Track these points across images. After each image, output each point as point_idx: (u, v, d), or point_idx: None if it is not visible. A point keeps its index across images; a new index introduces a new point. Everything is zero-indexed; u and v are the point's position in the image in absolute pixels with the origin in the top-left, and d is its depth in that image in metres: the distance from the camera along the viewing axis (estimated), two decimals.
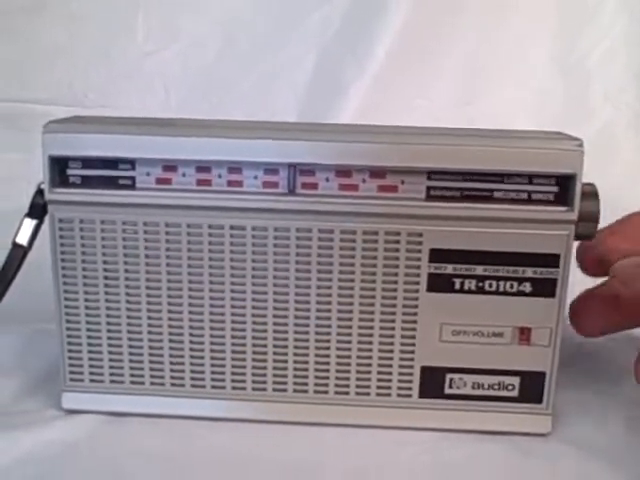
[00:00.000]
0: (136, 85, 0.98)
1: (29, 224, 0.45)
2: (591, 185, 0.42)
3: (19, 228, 0.45)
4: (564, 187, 0.41)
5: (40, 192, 0.44)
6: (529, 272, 0.42)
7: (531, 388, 0.44)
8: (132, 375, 0.45)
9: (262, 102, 0.97)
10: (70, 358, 0.45)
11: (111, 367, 0.45)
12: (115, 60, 0.98)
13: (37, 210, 0.44)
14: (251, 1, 0.97)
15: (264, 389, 0.44)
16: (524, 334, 0.43)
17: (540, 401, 0.44)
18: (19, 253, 0.45)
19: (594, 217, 0.42)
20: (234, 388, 0.44)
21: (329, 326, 0.43)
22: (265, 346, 0.44)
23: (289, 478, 0.41)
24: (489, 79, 0.97)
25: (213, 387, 0.44)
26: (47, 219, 0.43)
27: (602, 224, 0.43)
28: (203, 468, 0.41)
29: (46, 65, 0.97)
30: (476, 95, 0.95)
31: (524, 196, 0.41)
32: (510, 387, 0.44)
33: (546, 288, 0.42)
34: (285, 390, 0.44)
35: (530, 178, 0.41)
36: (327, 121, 0.92)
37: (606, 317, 0.44)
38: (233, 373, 0.44)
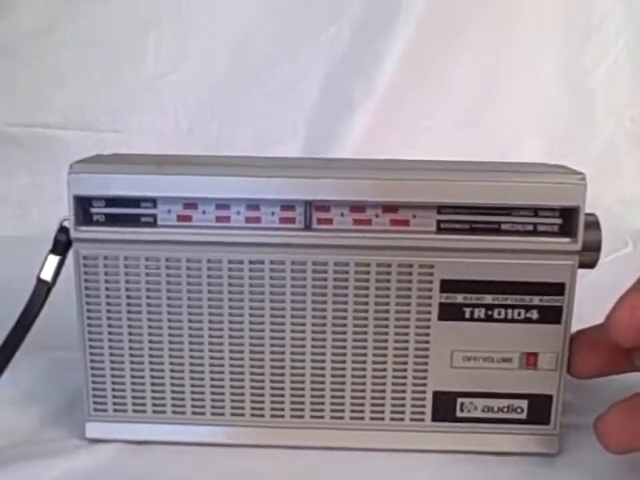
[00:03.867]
0: (147, 107, 0.99)
1: (53, 260, 0.46)
2: (593, 215, 0.44)
3: (43, 264, 0.46)
4: (568, 219, 0.43)
5: (62, 229, 0.46)
6: (536, 300, 0.44)
7: (539, 410, 0.45)
8: (154, 404, 0.46)
9: (271, 120, 0.98)
10: (94, 389, 0.46)
11: (134, 397, 0.46)
12: (126, 82, 0.99)
13: (60, 246, 0.46)
14: (259, 21, 0.98)
15: (282, 416, 0.46)
16: (531, 359, 0.45)
17: (548, 422, 0.46)
18: (44, 289, 0.46)
19: (597, 246, 0.44)
20: (253, 415, 0.46)
21: (344, 354, 0.45)
22: (282, 375, 0.45)
23: None
24: (495, 96, 0.98)
25: (232, 414, 0.46)
26: (72, 256, 0.45)
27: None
28: None
29: (57, 88, 0.98)
30: (482, 113, 0.97)
31: (530, 228, 0.43)
32: (519, 410, 0.46)
33: (552, 315, 0.44)
34: (302, 417, 0.46)
35: (535, 211, 0.43)
36: (335, 139, 0.94)
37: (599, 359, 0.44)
38: (252, 401, 0.46)
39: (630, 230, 0.90)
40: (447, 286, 0.44)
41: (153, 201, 0.44)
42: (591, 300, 0.47)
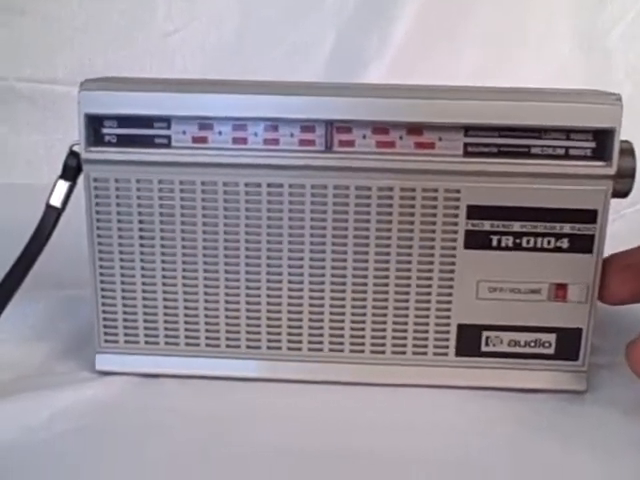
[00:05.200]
0: (156, 64, 0.97)
1: (62, 185, 0.44)
2: (627, 142, 0.42)
3: (52, 190, 0.45)
4: (602, 142, 0.41)
5: (72, 153, 0.44)
6: (566, 228, 0.42)
7: (567, 345, 0.44)
8: (167, 336, 0.44)
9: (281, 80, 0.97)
10: (105, 319, 0.44)
11: (146, 328, 0.44)
12: (135, 39, 0.97)
13: (70, 171, 0.44)
14: None
15: (299, 349, 0.44)
16: (561, 290, 0.43)
17: (576, 358, 0.44)
18: (53, 214, 0.44)
19: (631, 173, 0.42)
20: (270, 348, 0.44)
21: (365, 284, 0.43)
22: (301, 305, 0.44)
23: (322, 434, 0.41)
24: (509, 58, 0.96)
25: (248, 347, 0.44)
26: (82, 179, 0.43)
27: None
28: (235, 426, 0.41)
29: (66, 45, 0.96)
30: (496, 74, 0.95)
31: (561, 152, 0.41)
32: (547, 344, 0.44)
33: (583, 244, 0.42)
34: (321, 350, 0.44)
35: (568, 133, 0.41)
36: None
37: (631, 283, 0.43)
38: (269, 333, 0.44)
39: None
40: (474, 212, 0.42)
41: (167, 121, 0.42)
42: (615, 249, 0.45)
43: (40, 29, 0.99)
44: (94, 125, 0.42)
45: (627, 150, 0.42)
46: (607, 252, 0.43)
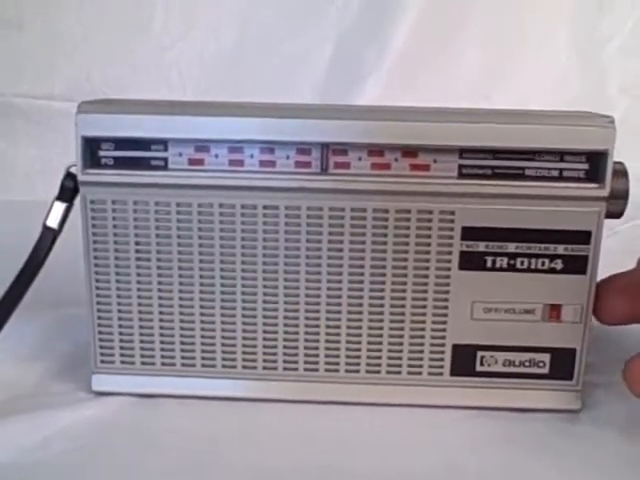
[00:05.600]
0: (154, 77, 0.97)
1: (59, 207, 0.45)
2: (620, 164, 0.42)
3: (49, 211, 0.45)
4: (595, 164, 0.41)
5: (69, 175, 0.44)
6: (560, 249, 0.42)
7: (562, 365, 0.44)
8: (163, 356, 0.45)
9: (279, 91, 0.96)
10: (101, 340, 0.45)
11: (142, 348, 0.45)
12: (132, 53, 0.97)
13: (67, 193, 0.44)
14: None
15: (295, 369, 0.44)
16: (555, 311, 0.43)
17: (571, 378, 0.44)
18: (49, 236, 0.45)
19: (625, 194, 0.42)
20: (265, 368, 0.45)
21: (360, 305, 0.43)
22: (297, 326, 0.44)
23: (319, 454, 0.41)
24: (506, 70, 0.97)
25: (244, 367, 0.45)
26: (79, 201, 0.43)
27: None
28: (233, 446, 0.41)
29: (62, 60, 0.96)
30: (494, 86, 0.95)
31: (555, 173, 0.42)
32: (541, 364, 0.44)
33: (577, 265, 0.42)
34: (316, 370, 0.44)
35: (561, 155, 0.41)
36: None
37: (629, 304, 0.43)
38: (264, 353, 0.44)
39: None
40: (468, 234, 0.42)
41: (164, 143, 0.42)
42: (609, 266, 0.46)
43: (38, 44, 0.99)
44: (91, 147, 0.42)
45: (620, 172, 0.42)
46: (600, 269, 0.44)
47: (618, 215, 0.43)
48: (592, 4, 0.98)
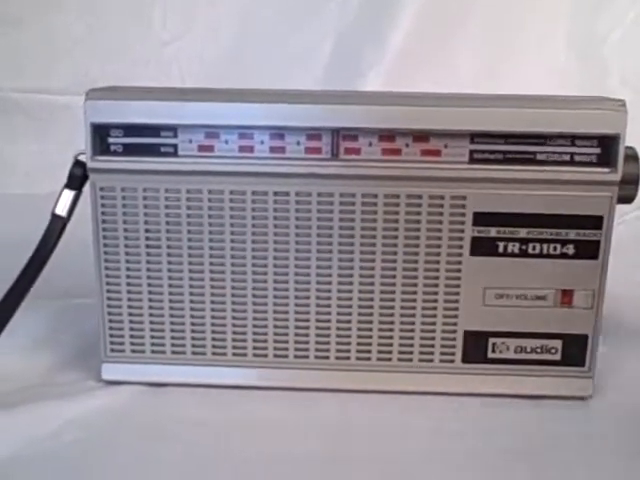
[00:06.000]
0: (153, 74, 0.97)
1: (68, 195, 0.44)
2: (631, 148, 0.42)
3: (58, 199, 0.45)
4: (607, 148, 0.41)
5: (78, 163, 0.44)
6: (572, 234, 0.42)
7: (573, 351, 0.44)
8: (173, 345, 0.44)
9: (280, 88, 0.97)
10: (111, 328, 0.44)
11: (152, 337, 0.44)
12: (132, 49, 0.97)
13: (76, 180, 0.44)
14: None
15: (307, 357, 0.44)
16: (567, 297, 0.43)
17: (582, 364, 0.44)
18: (58, 224, 0.44)
19: (636, 179, 0.42)
20: (276, 356, 0.44)
21: (371, 291, 0.43)
22: (308, 313, 0.44)
23: (326, 443, 0.41)
24: (505, 65, 0.97)
25: (255, 355, 0.44)
26: (88, 188, 0.43)
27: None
28: (241, 434, 0.41)
29: (62, 55, 0.96)
30: (493, 82, 0.95)
31: (567, 158, 0.42)
32: (553, 350, 0.44)
33: (589, 250, 0.42)
34: (327, 357, 0.44)
35: (573, 140, 0.41)
36: None
37: None
38: (276, 341, 0.44)
39: None
40: (480, 219, 0.42)
41: (174, 130, 0.42)
42: (619, 254, 0.46)
43: (37, 40, 0.99)
44: (100, 134, 0.42)
45: (632, 156, 0.42)
46: (610, 258, 0.44)
47: (630, 200, 0.43)
48: (590, 4, 0.98)
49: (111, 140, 0.42)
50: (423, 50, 0.97)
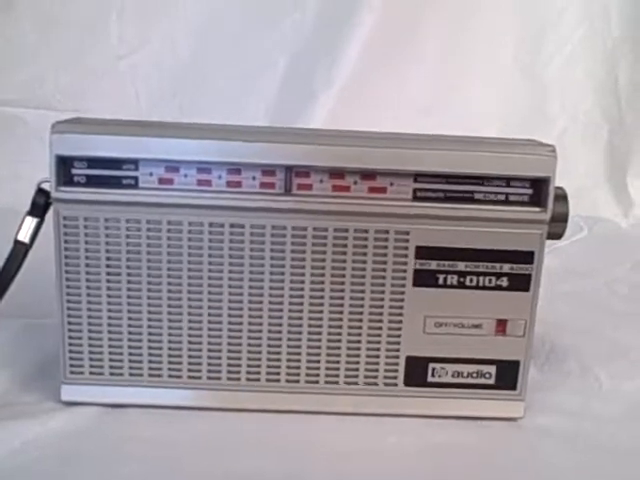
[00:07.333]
0: (107, 87, 0.98)
1: (30, 222, 0.46)
2: (561, 189, 0.46)
3: (20, 226, 0.46)
4: (538, 190, 0.45)
5: (41, 191, 0.46)
6: (506, 268, 0.46)
7: (506, 376, 0.47)
8: (131, 367, 0.46)
9: (233, 105, 0.98)
10: (71, 351, 0.46)
11: (111, 360, 0.46)
12: (87, 62, 0.97)
13: (38, 208, 0.46)
14: (223, 5, 0.98)
15: (258, 379, 0.47)
16: (501, 326, 0.46)
17: (515, 388, 0.47)
18: (21, 250, 0.46)
19: (565, 218, 0.46)
20: (229, 379, 0.47)
21: (320, 319, 0.46)
22: (260, 339, 0.46)
23: (279, 461, 0.43)
24: (453, 87, 1.00)
25: (209, 378, 0.47)
26: (52, 217, 0.45)
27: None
28: (198, 454, 0.43)
29: (16, 67, 0.96)
30: (441, 103, 0.99)
31: (502, 197, 0.45)
32: (487, 375, 0.47)
33: (521, 283, 0.46)
34: (278, 380, 0.47)
35: (508, 181, 0.45)
36: (298, 125, 0.94)
37: None
38: (229, 365, 0.46)
39: (584, 217, 0.95)
40: (422, 252, 0.45)
41: (135, 163, 0.44)
42: (551, 280, 0.49)
43: None
44: (65, 166, 0.44)
45: (561, 196, 0.46)
46: (541, 284, 0.47)
47: (559, 236, 0.47)
48: (536, 27, 1.02)
49: (75, 171, 0.44)
50: (375, 71, 1.00)
